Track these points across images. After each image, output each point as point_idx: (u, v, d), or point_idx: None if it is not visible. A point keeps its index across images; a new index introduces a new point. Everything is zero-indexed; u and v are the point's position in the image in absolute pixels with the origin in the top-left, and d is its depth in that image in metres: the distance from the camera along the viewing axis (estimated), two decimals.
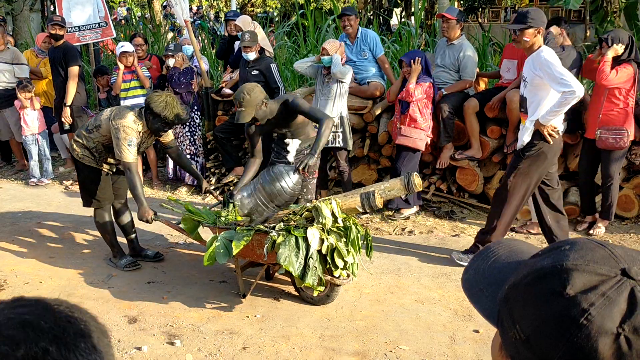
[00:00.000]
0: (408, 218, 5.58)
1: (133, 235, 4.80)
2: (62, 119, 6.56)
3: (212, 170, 6.61)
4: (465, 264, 3.45)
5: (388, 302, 3.97)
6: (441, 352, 3.36)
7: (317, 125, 4.18)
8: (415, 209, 5.62)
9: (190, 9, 20.18)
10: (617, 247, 0.71)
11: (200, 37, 10.66)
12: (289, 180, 3.92)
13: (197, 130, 6.58)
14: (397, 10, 17.91)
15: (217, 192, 6.47)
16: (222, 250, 3.69)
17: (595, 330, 0.63)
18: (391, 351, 3.37)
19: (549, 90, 4.00)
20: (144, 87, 6.59)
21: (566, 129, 5.04)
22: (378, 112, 5.92)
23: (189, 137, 6.56)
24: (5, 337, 0.66)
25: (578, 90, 3.84)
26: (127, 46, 6.54)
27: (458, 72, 5.54)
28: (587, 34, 14.34)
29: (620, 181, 5.29)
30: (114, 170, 4.59)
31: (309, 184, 4.39)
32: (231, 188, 6.41)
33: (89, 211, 5.90)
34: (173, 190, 6.63)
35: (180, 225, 4.19)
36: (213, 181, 6.48)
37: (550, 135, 4.07)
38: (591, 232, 5.15)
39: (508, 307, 0.72)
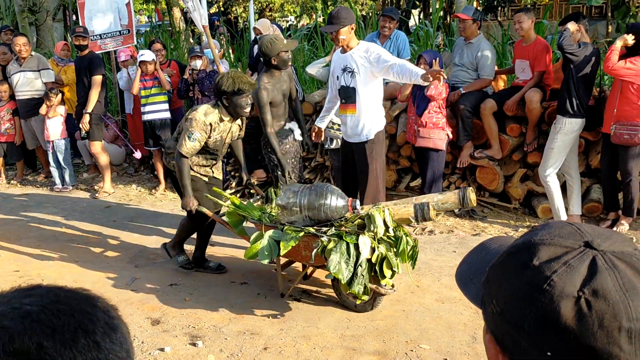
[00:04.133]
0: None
1: (204, 247, 4.76)
2: (80, 126, 6.69)
3: (233, 173, 6.66)
4: None
5: (408, 301, 3.97)
6: (462, 351, 3.34)
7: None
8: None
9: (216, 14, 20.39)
10: (586, 225, 0.76)
11: (220, 42, 10.78)
12: (335, 203, 3.72)
13: None
14: (415, 12, 17.87)
15: (238, 194, 6.52)
16: (267, 250, 3.69)
17: (558, 294, 0.67)
18: (412, 350, 3.36)
19: (377, 79, 4.32)
20: (165, 89, 6.68)
21: (584, 125, 5.00)
22: (396, 112, 5.92)
23: None
24: (1, 328, 0.65)
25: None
26: (147, 54, 6.63)
27: (476, 70, 5.52)
28: (609, 30, 14.15)
29: None
30: (212, 173, 4.53)
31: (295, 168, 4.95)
32: (252, 191, 6.48)
33: (113, 215, 6.03)
34: None
35: (224, 218, 4.18)
36: (233, 184, 6.54)
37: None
38: (615, 229, 5.07)
39: (488, 286, 0.77)
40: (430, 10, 12.24)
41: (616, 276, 0.67)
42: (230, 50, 10.53)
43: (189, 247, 4.77)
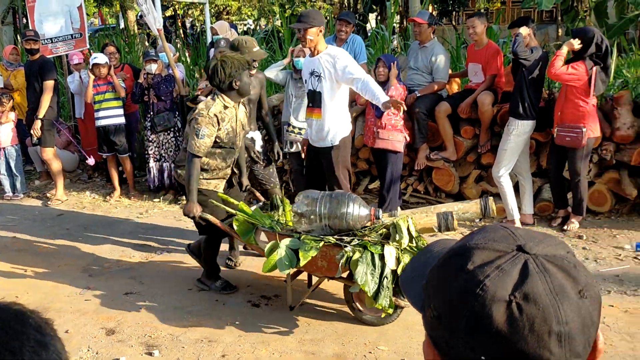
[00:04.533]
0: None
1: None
2: (32, 132, 6.50)
3: None
4: None
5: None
6: (419, 351, 3.38)
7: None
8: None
9: (166, 19, 20.12)
10: (519, 229, 0.76)
11: (176, 46, 10.64)
12: (357, 212, 3.54)
13: (181, 136, 6.57)
14: (372, 16, 18.04)
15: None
16: (287, 260, 3.47)
17: (490, 298, 0.67)
18: (370, 352, 3.39)
19: (342, 85, 4.34)
20: (119, 96, 6.56)
21: (534, 126, 5.14)
22: (354, 115, 5.95)
23: (174, 142, 6.54)
24: None
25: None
26: (100, 57, 6.50)
27: (431, 74, 5.61)
28: (559, 34, 14.61)
29: (593, 177, 5.39)
30: (230, 180, 4.26)
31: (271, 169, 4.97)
32: (252, 199, 6.39)
33: (66, 223, 5.88)
34: (152, 199, 6.60)
35: (234, 227, 3.88)
36: None
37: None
38: (565, 227, 5.22)
39: (426, 291, 0.77)
40: (386, 14, 12.38)
41: (547, 280, 0.68)
42: (187, 54, 10.42)
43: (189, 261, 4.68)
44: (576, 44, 4.80)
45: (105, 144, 6.65)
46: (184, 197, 6.38)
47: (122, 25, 14.83)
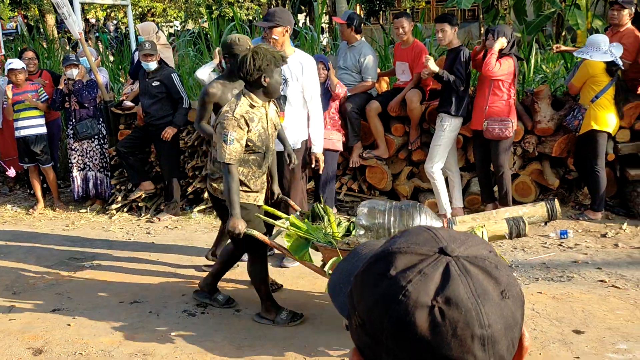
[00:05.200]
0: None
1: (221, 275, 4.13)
2: None
3: (118, 187, 6.35)
4: None
5: (308, 307, 3.97)
6: None
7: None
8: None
9: (88, 21, 19.42)
10: (442, 230, 0.75)
11: (99, 50, 10.27)
12: (430, 224, 3.35)
13: (105, 142, 6.33)
14: (301, 16, 18.09)
15: (126, 208, 6.24)
16: None
17: (412, 304, 0.66)
18: (311, 355, 3.37)
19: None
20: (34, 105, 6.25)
21: (462, 123, 5.30)
22: None
23: (99, 150, 6.29)
24: None
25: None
26: (16, 63, 6.17)
27: (360, 73, 5.66)
28: (482, 31, 15.11)
29: (517, 169, 5.60)
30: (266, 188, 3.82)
31: None
32: (140, 204, 6.22)
33: None
34: (78, 210, 6.33)
35: (284, 243, 3.56)
36: (119, 198, 6.23)
37: None
38: None
39: (351, 298, 0.75)
40: (315, 15, 12.43)
41: (468, 282, 0.67)
42: (111, 57, 10.08)
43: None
44: (505, 42, 4.99)
45: (26, 155, 6.33)
46: (112, 207, 6.17)
47: (24, 30, 14.15)
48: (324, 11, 9.60)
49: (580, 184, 5.71)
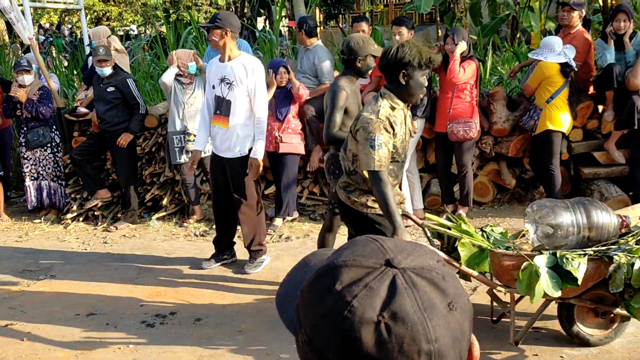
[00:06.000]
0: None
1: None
2: None
3: (73, 195, 6.17)
4: None
5: (269, 312, 3.93)
6: None
7: None
8: (294, 216, 5.67)
9: (41, 26, 18.92)
10: (389, 241, 0.73)
11: (51, 55, 10.00)
12: (613, 219, 3.17)
13: (59, 151, 6.15)
14: (261, 19, 18.03)
15: (82, 217, 6.07)
16: (554, 283, 2.92)
17: (358, 320, 0.64)
18: None
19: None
20: None
21: (423, 125, 5.35)
22: None
23: (52, 159, 6.10)
24: None
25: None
26: None
27: (317, 77, 5.65)
28: (439, 34, 15.34)
29: (475, 169, 5.68)
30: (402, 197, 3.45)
31: None
32: (96, 213, 6.06)
33: None
34: (32, 220, 6.13)
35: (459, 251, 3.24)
36: (75, 207, 6.06)
37: None
38: None
39: (297, 313, 0.73)
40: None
41: (415, 295, 0.65)
42: (65, 62, 9.83)
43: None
44: (465, 46, 5.06)
45: None
46: (67, 216, 5.99)
47: None
48: (283, 15, 9.57)
49: (536, 183, 5.83)
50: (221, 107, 4.31)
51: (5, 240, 5.69)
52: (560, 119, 5.20)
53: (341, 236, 5.30)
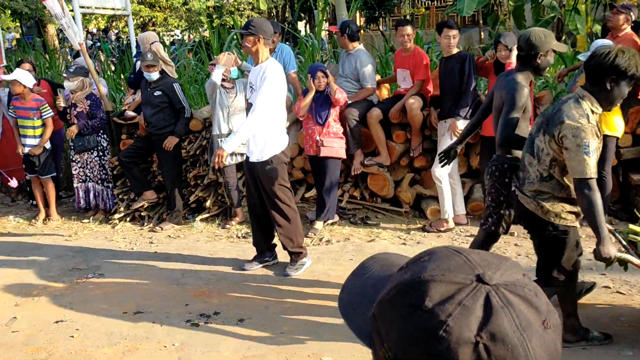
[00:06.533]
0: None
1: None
2: None
3: (121, 196, 6.35)
4: None
5: (311, 314, 3.96)
6: (367, 358, 3.38)
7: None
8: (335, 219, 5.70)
9: (89, 32, 19.51)
10: (473, 253, 0.71)
11: (99, 59, 10.30)
12: None
13: (105, 154, 6.33)
14: (302, 23, 18.15)
15: (129, 218, 6.23)
16: None
17: (455, 341, 0.62)
18: None
19: (276, 97, 4.30)
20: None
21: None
22: (287, 125, 5.93)
23: (98, 162, 6.29)
24: None
25: (259, 116, 4.20)
26: (14, 74, 6.14)
27: (359, 81, 5.67)
28: (482, 37, 15.15)
29: None
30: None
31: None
32: (143, 214, 6.22)
33: None
34: (81, 220, 6.33)
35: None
36: (122, 208, 6.23)
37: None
38: None
39: (376, 326, 0.71)
40: (315, 22, 12.48)
41: (512, 315, 0.64)
42: (111, 67, 10.12)
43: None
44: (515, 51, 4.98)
45: (27, 166, 6.35)
46: (115, 216, 6.17)
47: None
48: (324, 18, 9.62)
49: None
50: (249, 111, 4.41)
51: (56, 239, 5.89)
52: (615, 123, 5.06)
53: (369, 243, 5.31)
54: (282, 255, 4.82)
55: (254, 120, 4.22)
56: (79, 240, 5.81)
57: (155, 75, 5.70)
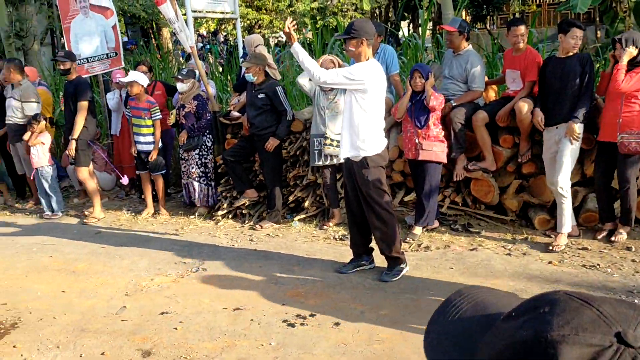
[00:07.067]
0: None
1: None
2: (67, 152, 6.61)
3: (224, 194, 6.57)
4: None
5: (406, 322, 3.86)
6: None
7: None
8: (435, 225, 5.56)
9: (200, 34, 20.42)
10: (604, 303, 0.60)
11: (208, 61, 10.74)
12: None
13: (209, 153, 6.56)
14: (405, 23, 17.92)
15: (231, 215, 6.43)
16: None
17: None
18: None
19: (370, 98, 4.21)
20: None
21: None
22: (387, 127, 5.84)
23: (197, 159, 6.53)
24: None
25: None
26: (130, 75, 6.50)
27: (466, 82, 5.46)
28: (598, 35, 14.21)
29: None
30: None
31: None
32: (244, 211, 6.39)
33: (104, 241, 5.90)
34: (187, 215, 6.61)
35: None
36: (225, 205, 6.44)
37: None
38: (612, 238, 5.00)
39: None
40: (419, 22, 12.25)
41: None
42: (220, 69, 10.50)
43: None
44: (635, 51, 4.60)
45: (139, 163, 6.72)
46: (218, 213, 6.38)
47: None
48: (429, 18, 9.42)
49: None
50: (345, 113, 4.40)
51: (164, 232, 6.19)
52: None
53: (470, 252, 5.09)
54: (380, 260, 4.74)
55: (319, 70, 4.16)
56: (184, 235, 6.06)
57: (253, 77, 5.81)
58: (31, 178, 7.08)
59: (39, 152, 6.82)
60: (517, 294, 4.16)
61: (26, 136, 6.78)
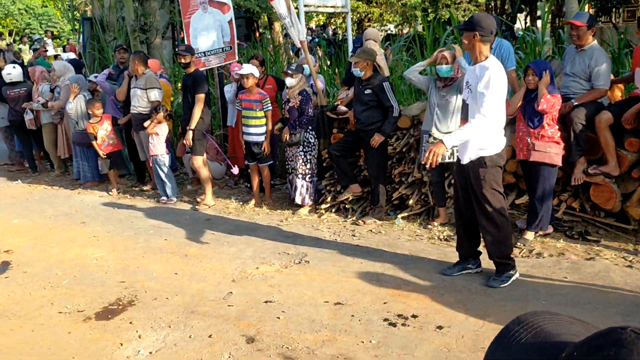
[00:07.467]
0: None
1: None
2: (184, 142, 6.95)
3: (328, 188, 6.62)
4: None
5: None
6: None
7: None
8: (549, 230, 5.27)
9: (310, 28, 20.71)
10: None
11: (317, 55, 10.85)
12: None
13: (312, 149, 6.62)
14: (521, 16, 17.12)
15: (334, 209, 6.47)
16: None
17: None
18: None
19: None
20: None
21: None
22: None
23: (302, 156, 6.61)
24: None
25: (486, 120, 3.91)
26: (244, 69, 6.69)
27: (589, 80, 5.10)
28: None
29: None
30: None
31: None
32: (347, 206, 6.41)
33: (213, 228, 6.17)
34: (292, 207, 6.74)
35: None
36: (329, 199, 6.49)
37: None
38: None
39: None
40: (538, 14, 11.62)
41: None
42: (328, 63, 10.58)
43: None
44: None
45: (248, 153, 6.92)
46: (322, 207, 6.45)
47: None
48: (549, 10, 8.90)
49: None
50: (464, 111, 4.24)
51: (269, 223, 6.35)
52: None
53: (587, 262, 4.77)
54: (487, 264, 4.57)
55: (479, 125, 3.96)
56: (289, 226, 6.18)
57: (360, 72, 5.78)
58: (151, 164, 7.54)
59: (156, 141, 7.24)
60: (638, 310, 3.84)
61: (146, 123, 7.21)
